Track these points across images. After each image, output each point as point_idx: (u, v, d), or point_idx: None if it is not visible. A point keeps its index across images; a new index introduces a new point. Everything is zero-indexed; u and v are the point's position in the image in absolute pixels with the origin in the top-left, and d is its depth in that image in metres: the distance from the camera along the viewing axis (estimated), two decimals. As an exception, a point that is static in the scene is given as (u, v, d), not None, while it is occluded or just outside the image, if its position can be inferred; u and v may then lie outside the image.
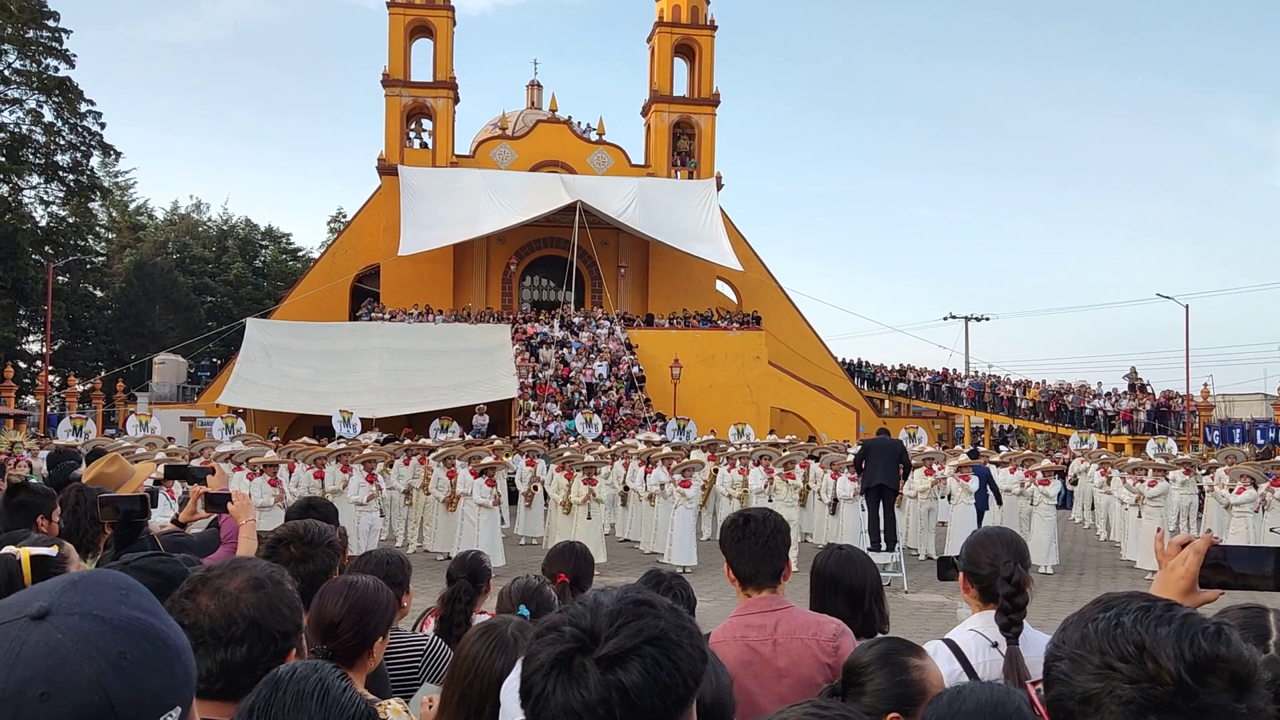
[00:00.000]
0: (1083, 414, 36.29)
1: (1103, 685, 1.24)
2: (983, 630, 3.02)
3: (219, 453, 17.25)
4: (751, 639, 3.07)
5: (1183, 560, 1.82)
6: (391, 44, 43.06)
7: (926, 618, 12.32)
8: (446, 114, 43.55)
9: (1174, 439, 29.75)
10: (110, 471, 4.67)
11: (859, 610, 3.31)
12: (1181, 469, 19.32)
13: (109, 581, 1.14)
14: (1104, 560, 17.79)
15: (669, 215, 40.77)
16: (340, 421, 28.51)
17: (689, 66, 46.27)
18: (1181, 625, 1.23)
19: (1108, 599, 1.35)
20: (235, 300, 58.68)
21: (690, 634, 1.26)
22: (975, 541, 3.13)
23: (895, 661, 2.39)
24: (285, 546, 3.06)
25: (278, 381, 32.59)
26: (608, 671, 1.18)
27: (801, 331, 45.00)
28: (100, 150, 51.38)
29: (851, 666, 2.43)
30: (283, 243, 68.44)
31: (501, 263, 43.38)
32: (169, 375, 40.26)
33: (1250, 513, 15.88)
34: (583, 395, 33.71)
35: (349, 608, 2.74)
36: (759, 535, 3.16)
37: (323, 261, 44.97)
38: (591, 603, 1.26)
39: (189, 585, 2.00)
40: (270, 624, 1.94)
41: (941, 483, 17.70)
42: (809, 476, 18.35)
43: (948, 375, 44.45)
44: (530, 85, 53.38)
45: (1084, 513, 23.64)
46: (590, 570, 4.18)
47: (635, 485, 18.60)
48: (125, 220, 61.76)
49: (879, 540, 14.78)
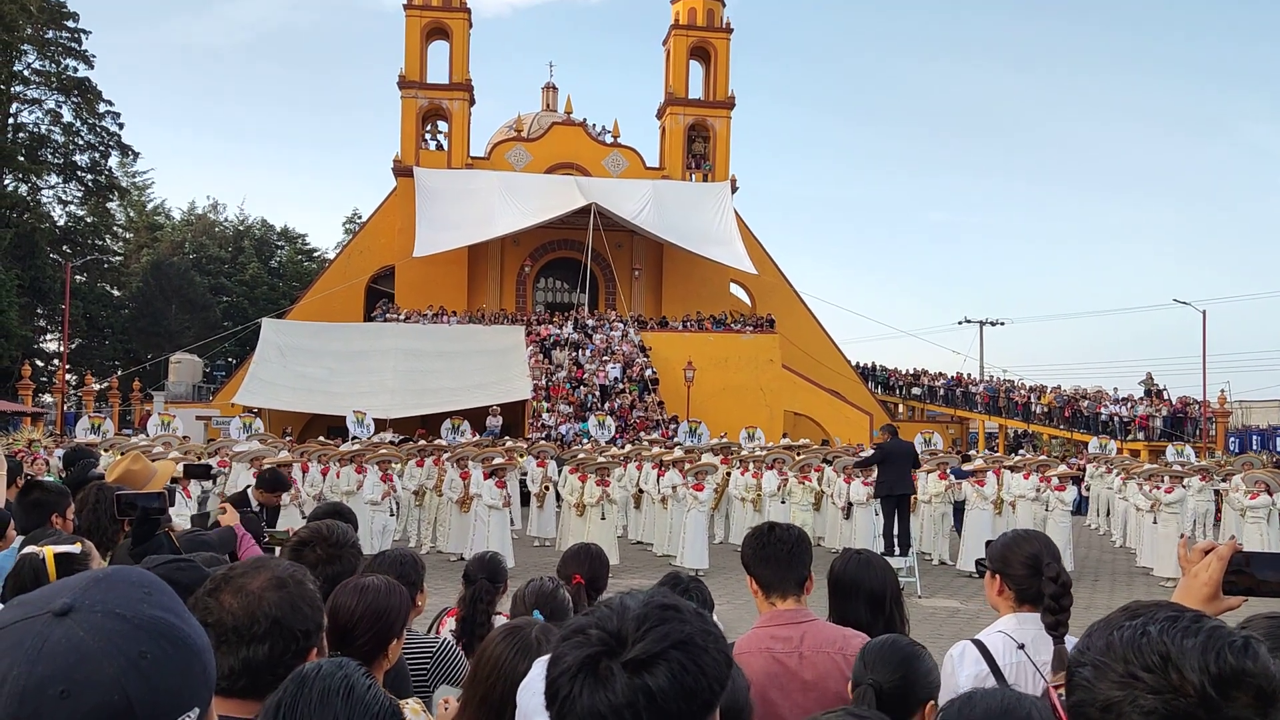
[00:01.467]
0: (1098, 419, 36.10)
1: (1125, 694, 1.23)
2: (1012, 632, 3.00)
3: (236, 452, 17.33)
4: (777, 651, 3.04)
5: (1206, 566, 1.82)
6: (408, 46, 43.19)
7: (940, 623, 12.28)
8: (462, 116, 43.67)
9: (1191, 446, 29.57)
10: (136, 469, 4.72)
11: (880, 614, 3.30)
12: (1198, 475, 19.21)
13: (132, 579, 1.14)
14: (1119, 567, 17.69)
15: (683, 218, 40.76)
16: (354, 422, 28.62)
17: (704, 69, 46.26)
18: (1209, 637, 1.22)
19: (1135, 607, 1.34)
20: (251, 300, 58.95)
21: (715, 639, 1.26)
22: (1008, 543, 3.11)
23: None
24: (311, 549, 3.08)
25: (292, 381, 32.72)
26: (634, 675, 1.18)
27: (815, 335, 44.92)
28: (118, 150, 51.76)
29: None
30: (298, 243, 68.75)
31: (516, 264, 43.46)
32: (185, 375, 40.47)
33: (1264, 519, 15.78)
34: (596, 397, 33.73)
35: (365, 611, 2.75)
36: (784, 541, 3.16)
37: (338, 262, 45.14)
38: (618, 606, 1.26)
39: (212, 584, 2.02)
40: (292, 623, 1.95)
41: (956, 487, 17.64)
42: (823, 480, 18.32)
43: (962, 380, 44.30)
44: (546, 87, 53.49)
45: (1099, 518, 23.54)
46: (605, 572, 4.18)
47: (648, 488, 18.61)
48: (143, 220, 62.13)
49: (893, 545, 14.73)
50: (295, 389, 32.41)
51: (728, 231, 41.59)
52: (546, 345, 36.40)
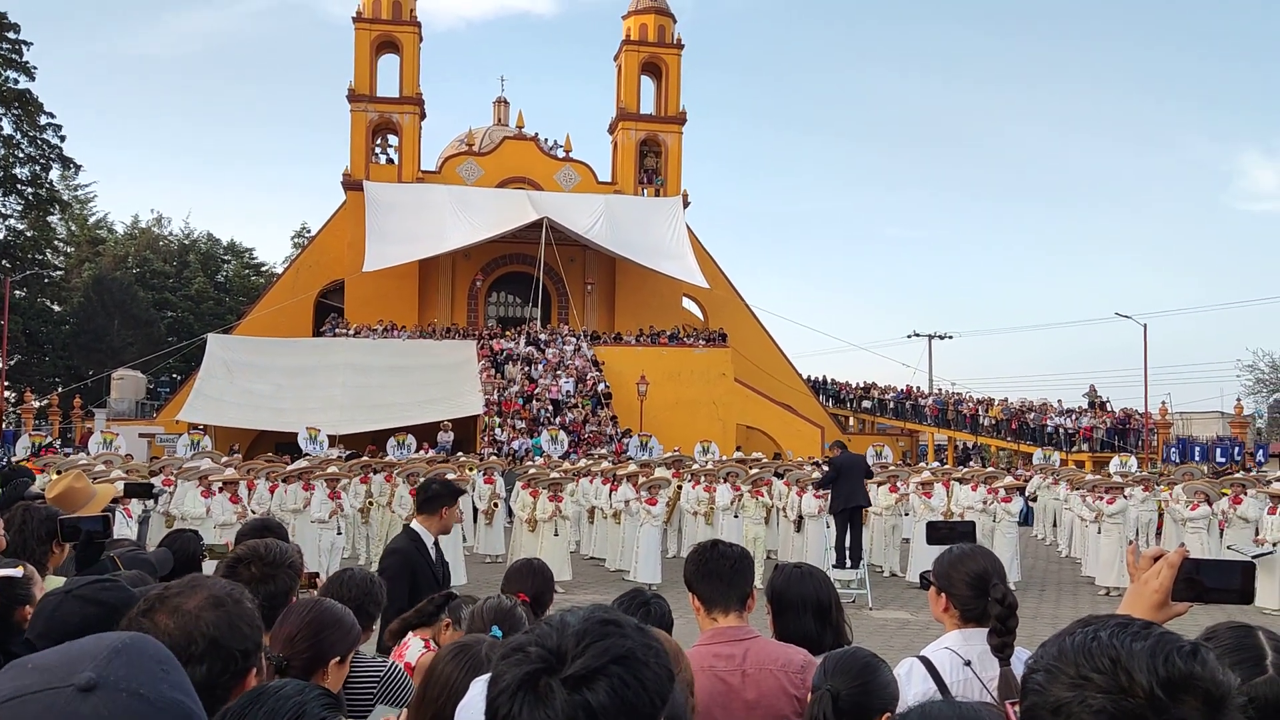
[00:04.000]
0: (1044, 431, 36.71)
1: (1075, 694, 1.25)
2: (958, 649, 2.97)
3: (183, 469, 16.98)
4: (720, 669, 2.99)
5: (1156, 574, 1.84)
6: (357, 59, 42.93)
7: (891, 634, 12.36)
8: (413, 129, 43.46)
9: (1134, 456, 30.16)
10: (79, 487, 4.64)
11: (828, 625, 3.28)
12: (1141, 486, 19.60)
13: (150, 653, 1.16)
14: (1065, 576, 17.96)
15: (636, 232, 40.89)
16: (307, 439, 28.27)
17: (656, 85, 46.52)
18: (1158, 642, 1.25)
19: (1088, 618, 1.37)
20: (196, 315, 58.01)
21: (657, 653, 1.25)
22: (953, 560, 3.07)
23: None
24: (245, 566, 3.01)
25: (239, 398, 32.23)
26: (574, 692, 1.17)
27: (767, 349, 45.21)
28: (60, 163, 50.68)
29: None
30: (246, 257, 67.76)
31: (467, 279, 43.26)
32: (127, 391, 39.65)
33: (1204, 529, 16.12)
34: (548, 412, 33.62)
35: (307, 621, 2.73)
36: (727, 558, 3.14)
37: (286, 277, 44.61)
38: (558, 623, 1.25)
39: (146, 604, 1.96)
40: (231, 643, 1.91)
41: (905, 499, 17.82)
42: (774, 494, 18.40)
43: (912, 393, 44.80)
44: (497, 102, 53.43)
45: (1045, 529, 23.90)
46: (550, 588, 4.08)
47: (600, 503, 18.55)
48: (84, 234, 60.91)
49: (844, 557, 14.83)
50: (242, 405, 31.93)
51: (680, 246, 41.79)
52: (498, 360, 36.23)
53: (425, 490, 5.35)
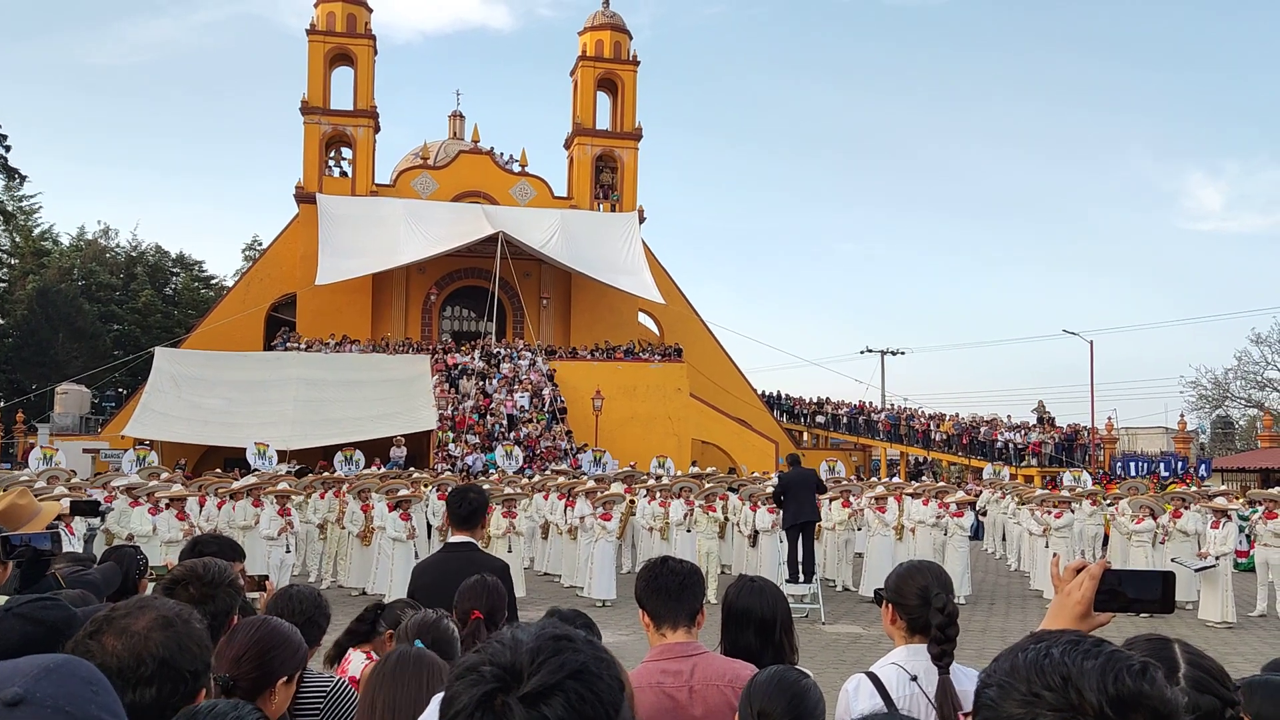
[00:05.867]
0: (994, 446, 37.23)
1: (1026, 711, 1.26)
2: (904, 664, 3.00)
3: (118, 485, 16.64)
4: (667, 685, 2.97)
5: (1079, 585, 1.89)
6: (311, 72, 42.62)
7: (843, 649, 12.45)
8: (367, 143, 43.20)
9: (1086, 471, 30.67)
10: (23, 503, 4.54)
11: (770, 642, 3.26)
12: (1088, 500, 19.96)
13: (80, 674, 1.16)
14: (1014, 590, 18.20)
15: (591, 247, 40.94)
16: (255, 454, 27.84)
17: (612, 101, 46.70)
18: (1108, 660, 1.27)
19: (1040, 634, 1.39)
20: (144, 329, 56.97)
21: (608, 664, 1.27)
22: (903, 574, 3.12)
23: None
24: (184, 587, 2.96)
25: (187, 412, 31.71)
26: (531, 708, 1.18)
27: (722, 364, 45.43)
28: (4, 174, 49.80)
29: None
30: (195, 270, 66.74)
31: (421, 293, 43.00)
32: (72, 406, 38.84)
33: (1149, 542, 16.43)
34: (503, 427, 33.48)
35: (254, 641, 2.71)
36: (676, 574, 3.14)
37: (237, 290, 44.05)
38: (510, 640, 1.26)
39: (94, 625, 1.94)
40: (180, 663, 1.90)
41: (859, 514, 17.96)
42: (728, 509, 18.46)
43: (864, 408, 45.23)
44: (453, 116, 53.29)
45: (995, 543, 24.21)
46: (503, 604, 3.97)
47: (555, 518, 18.48)
48: (29, 246, 59.65)
49: (797, 572, 14.90)
50: (190, 420, 31.40)
51: (635, 261, 41.93)
52: (453, 374, 36.02)
53: (467, 503, 5.05)
